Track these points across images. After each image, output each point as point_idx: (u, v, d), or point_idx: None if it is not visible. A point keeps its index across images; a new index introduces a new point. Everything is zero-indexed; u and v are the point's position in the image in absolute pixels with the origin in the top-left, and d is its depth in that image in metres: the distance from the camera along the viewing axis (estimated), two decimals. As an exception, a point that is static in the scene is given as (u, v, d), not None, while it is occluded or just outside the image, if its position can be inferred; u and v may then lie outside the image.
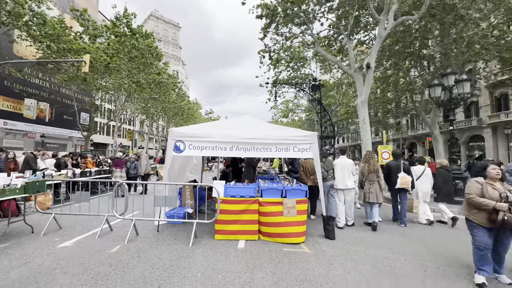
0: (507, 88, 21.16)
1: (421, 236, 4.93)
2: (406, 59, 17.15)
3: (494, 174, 3.08)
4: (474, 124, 24.15)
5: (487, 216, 2.94)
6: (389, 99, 23.89)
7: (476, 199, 3.00)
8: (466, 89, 7.54)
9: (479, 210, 3.02)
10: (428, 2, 10.41)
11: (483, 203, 2.94)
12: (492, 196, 2.95)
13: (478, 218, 3.02)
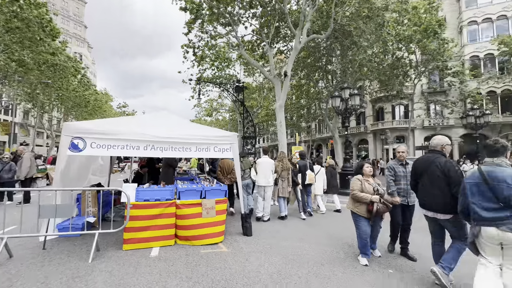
0: (383, 103, 27.30)
1: (322, 224, 5.78)
2: (316, 72, 19.80)
3: (368, 171, 3.69)
4: (361, 130, 30.08)
5: (366, 208, 3.47)
6: (302, 105, 27.00)
7: (358, 194, 3.51)
8: (357, 101, 9.33)
9: (361, 204, 3.53)
10: (332, 26, 12.28)
11: (363, 197, 3.46)
12: (368, 190, 3.51)
13: (361, 211, 3.52)
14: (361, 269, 3.41)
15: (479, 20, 23.43)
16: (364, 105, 30.02)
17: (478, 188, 2.37)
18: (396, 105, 26.65)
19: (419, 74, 16.57)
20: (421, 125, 25.41)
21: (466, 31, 23.88)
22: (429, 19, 13.87)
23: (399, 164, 3.93)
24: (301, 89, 23.32)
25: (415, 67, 16.50)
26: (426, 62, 15.62)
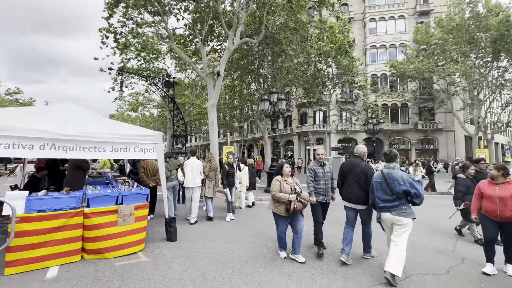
0: (307, 109, 30.39)
1: (249, 222, 6.01)
2: (249, 74, 20.44)
3: (287, 172, 3.81)
4: (288, 132, 32.69)
5: (285, 207, 3.59)
6: (235, 105, 27.43)
7: (277, 194, 3.61)
8: (283, 106, 10.10)
9: (280, 203, 3.64)
10: (264, 32, 12.90)
11: (282, 197, 3.56)
12: (286, 190, 3.63)
13: (280, 211, 3.64)
14: (280, 262, 3.70)
15: (378, 46, 28.83)
16: (291, 109, 32.71)
17: (381, 185, 3.30)
18: (317, 110, 30.06)
19: (334, 85, 19.21)
20: (336, 129, 29.48)
21: (369, 53, 29.01)
22: (342, 39, 16.27)
23: (318, 166, 4.12)
24: (234, 90, 23.64)
25: (331, 79, 19.04)
26: (340, 75, 18.27)
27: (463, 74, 18.94)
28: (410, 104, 27.88)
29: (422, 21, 27.67)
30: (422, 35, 21.72)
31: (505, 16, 16.52)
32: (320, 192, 4.02)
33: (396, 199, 3.16)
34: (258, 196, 9.39)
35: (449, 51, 19.33)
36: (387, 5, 29.06)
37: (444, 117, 26.83)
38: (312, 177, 4.07)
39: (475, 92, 19.56)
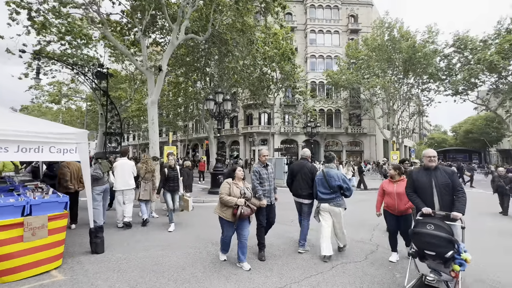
0: (252, 110, 31.10)
1: (186, 225, 5.80)
2: (195, 72, 19.76)
3: (240, 175, 3.69)
4: (234, 133, 32.89)
5: (232, 211, 3.44)
6: (179, 103, 26.19)
7: (224, 198, 3.45)
8: (228, 106, 10.10)
9: (227, 207, 3.48)
10: (210, 31, 12.67)
11: (229, 201, 3.41)
12: (235, 194, 3.49)
13: (227, 215, 3.49)
14: (220, 265, 3.68)
15: (317, 55, 31.53)
16: (237, 110, 32.97)
17: (321, 182, 4.11)
18: (262, 112, 31.08)
19: (278, 89, 20.19)
20: (279, 131, 31.01)
21: (309, 61, 31.48)
22: (285, 46, 17.24)
23: (262, 167, 4.08)
24: (178, 87, 22.53)
25: (276, 83, 19.95)
26: (283, 80, 19.31)
27: (382, 87, 22.29)
28: (342, 111, 31.37)
29: (352, 38, 31.46)
30: (352, 51, 24.70)
31: (412, 42, 20.13)
32: (265, 194, 3.98)
33: (332, 193, 4.01)
34: (201, 197, 9.17)
35: (372, 67, 22.48)
36: (325, 19, 32.06)
37: (368, 123, 31.05)
38: (258, 180, 3.99)
39: (391, 103, 23.27)
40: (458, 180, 3.12)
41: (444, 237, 2.61)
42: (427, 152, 3.28)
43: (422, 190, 3.17)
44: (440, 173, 3.12)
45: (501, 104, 21.15)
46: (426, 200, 3.11)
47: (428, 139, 65.82)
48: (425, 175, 3.19)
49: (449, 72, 20.52)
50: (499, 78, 18.88)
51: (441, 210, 3.00)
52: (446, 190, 3.04)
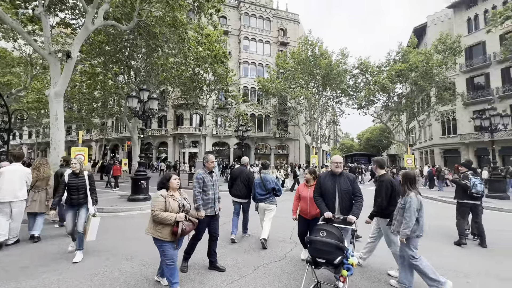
0: (183, 110, 29.76)
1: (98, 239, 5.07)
2: (116, 63, 17.53)
3: (175, 184, 3.07)
4: (162, 133, 30.75)
5: (171, 230, 2.87)
6: (96, 97, 22.76)
7: (160, 215, 2.83)
8: (155, 106, 9.37)
9: (164, 226, 2.87)
10: (136, 20, 11.50)
11: (167, 218, 2.83)
12: (173, 208, 2.93)
13: (163, 234, 2.86)
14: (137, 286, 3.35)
15: (249, 62, 32.76)
16: (166, 109, 30.99)
17: (259, 185, 4.98)
18: (194, 113, 30.13)
19: (210, 91, 19.96)
20: (211, 133, 30.65)
21: (242, 67, 32.40)
22: (219, 48, 17.26)
23: (207, 174, 3.75)
24: (95, 78, 19.56)
25: (208, 85, 19.69)
26: (215, 82, 19.23)
27: (305, 97, 24.89)
28: (272, 116, 33.47)
29: (282, 49, 34.07)
30: (281, 61, 26.73)
31: (329, 61, 23.27)
32: (208, 203, 3.65)
33: (267, 193, 4.93)
34: (118, 206, 8.16)
35: (298, 78, 24.84)
36: (258, 29, 33.70)
37: (293, 129, 34.08)
38: (200, 188, 3.63)
39: (312, 112, 26.21)
40: (358, 186, 3.37)
41: (333, 244, 2.67)
42: (334, 158, 3.41)
43: (327, 194, 3.34)
44: (343, 179, 3.33)
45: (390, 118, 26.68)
46: (329, 204, 3.29)
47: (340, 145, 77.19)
48: (330, 180, 3.37)
49: (356, 89, 24.61)
50: (388, 98, 23.81)
51: (341, 214, 3.22)
52: (347, 195, 3.26)
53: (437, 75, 20.49)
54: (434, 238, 5.56)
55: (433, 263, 4.33)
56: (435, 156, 29.48)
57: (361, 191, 3.38)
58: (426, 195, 12.66)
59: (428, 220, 7.49)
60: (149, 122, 31.73)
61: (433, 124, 28.75)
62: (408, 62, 20.35)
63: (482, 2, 25.45)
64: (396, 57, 22.42)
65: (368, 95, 23.06)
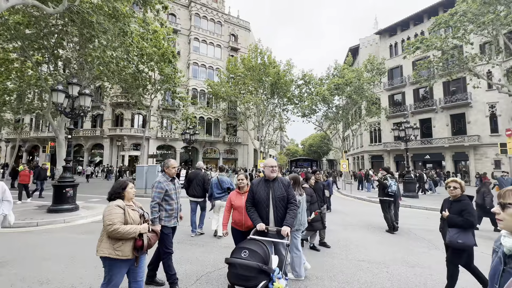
0: (124, 110, 27.16)
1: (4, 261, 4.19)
2: (39, 50, 14.98)
3: (132, 194, 2.63)
4: (97, 134, 27.42)
5: (132, 245, 2.44)
6: (9, 89, 18.97)
7: (122, 229, 2.35)
8: (87, 103, 8.29)
9: (124, 241, 2.41)
10: (67, 4, 10.07)
11: (130, 231, 2.39)
12: (134, 219, 2.50)
13: (124, 252, 2.39)
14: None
15: (199, 64, 32.02)
16: (103, 107, 27.85)
17: (216, 185, 5.83)
18: (136, 114, 27.78)
19: (156, 91, 18.72)
20: (155, 135, 28.67)
21: (191, 68, 31.45)
22: (167, 47, 16.38)
23: (169, 181, 3.41)
24: (8, 66, 16.28)
25: (153, 84, 18.44)
26: (162, 82, 18.13)
27: (254, 103, 25.54)
28: (221, 120, 33.23)
29: (232, 54, 34.34)
30: (232, 66, 26.92)
31: (277, 70, 24.47)
32: (172, 214, 3.33)
33: (223, 192, 5.77)
34: (33, 219, 6.89)
35: (247, 84, 25.36)
36: (209, 31, 33.29)
37: (242, 133, 34.48)
38: (160, 198, 3.25)
39: (260, 118, 27.03)
40: (292, 192, 3.02)
41: (255, 268, 2.26)
42: (268, 162, 3.00)
43: (260, 203, 2.95)
44: (277, 184, 2.99)
45: (329, 127, 29.42)
46: (262, 214, 2.93)
47: (286, 150, 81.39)
48: (264, 187, 3.00)
49: (300, 99, 26.43)
50: (328, 108, 26.28)
51: (276, 225, 2.88)
52: (281, 203, 2.92)
53: (367, 91, 23.55)
54: (361, 230, 6.35)
55: (363, 254, 4.88)
56: (365, 161, 33.67)
57: (296, 197, 3.08)
58: (356, 196, 14.33)
59: (360, 216, 8.59)
60: (81, 121, 27.91)
61: (363, 133, 32.82)
62: (344, 78, 22.89)
63: (401, 32, 30.52)
64: (335, 72, 24.97)
65: (311, 105, 25.01)
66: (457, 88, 25.17)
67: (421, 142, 27.07)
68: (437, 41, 15.44)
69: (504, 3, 12.98)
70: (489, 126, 23.10)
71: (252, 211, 2.99)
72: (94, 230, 6.13)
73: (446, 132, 25.87)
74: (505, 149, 15.09)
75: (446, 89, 25.99)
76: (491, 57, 14.71)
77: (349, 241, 5.66)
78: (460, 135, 24.69)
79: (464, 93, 24.32)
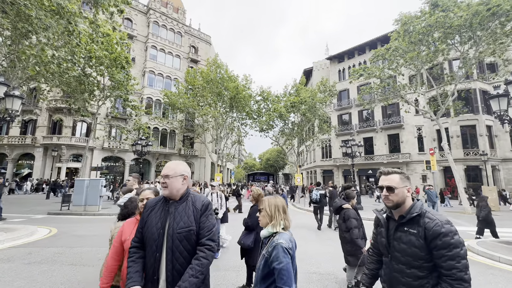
0: (64, 116, 24.19)
1: None
2: (-47, 41, 12.57)
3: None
4: (27, 142, 23.72)
5: None
6: None
7: None
8: (16, 106, 7.17)
9: None
10: (-3, -7, 8.81)
11: None
12: None
13: None
14: None
15: (156, 72, 30.74)
16: (37, 112, 24.48)
17: None
18: (79, 121, 25.02)
19: (104, 97, 17.19)
20: (102, 146, 26.03)
21: (147, 76, 29.96)
22: (120, 52, 15.36)
23: None
24: None
25: (102, 90, 16.95)
26: (112, 88, 16.76)
27: (213, 116, 25.33)
28: (177, 132, 31.97)
29: (192, 66, 33.92)
30: (191, 78, 26.48)
31: (236, 84, 24.90)
32: None
33: None
34: None
35: (206, 97, 25.13)
36: (168, 41, 32.48)
37: (200, 146, 33.61)
38: None
39: (219, 131, 26.82)
40: (210, 224, 1.73)
41: None
42: (165, 168, 1.79)
43: (149, 243, 1.67)
44: (184, 208, 1.73)
45: (285, 142, 30.67)
46: (149, 265, 1.65)
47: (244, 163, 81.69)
48: (159, 213, 1.73)
49: (258, 114, 27.16)
50: (284, 124, 27.52)
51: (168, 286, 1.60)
52: (184, 243, 1.65)
53: (319, 110, 25.46)
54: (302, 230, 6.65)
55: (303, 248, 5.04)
56: (317, 175, 35.73)
57: (215, 235, 1.76)
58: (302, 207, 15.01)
59: (301, 221, 9.06)
60: (6, 126, 23.82)
61: (316, 149, 35.03)
62: (299, 96, 24.42)
63: (348, 59, 34.26)
64: (292, 91, 26.49)
65: (269, 120, 25.86)
66: (393, 111, 28.99)
67: (365, 158, 30.05)
68: (376, 70, 17.71)
69: (425, 44, 15.68)
70: (417, 146, 26.94)
71: (134, 257, 1.70)
72: (11, 257, 5.14)
73: (385, 150, 29.25)
74: (429, 166, 17.69)
75: (384, 112, 29.72)
76: (417, 88, 17.43)
77: (301, 253, 5.83)
78: (395, 153, 28.16)
79: (398, 116, 28.10)
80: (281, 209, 1.79)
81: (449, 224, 1.43)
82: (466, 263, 1.37)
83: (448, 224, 1.43)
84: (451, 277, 1.36)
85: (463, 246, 1.39)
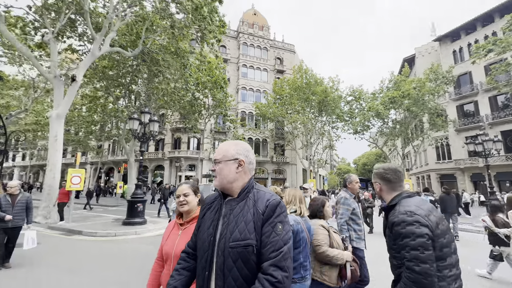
0: (181, 134, 29.99)
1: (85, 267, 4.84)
2: (118, 87, 18.00)
3: (330, 213, 2.57)
4: (159, 156, 30.63)
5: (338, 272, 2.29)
6: (95, 120, 22.96)
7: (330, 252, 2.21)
8: (155, 128, 9.48)
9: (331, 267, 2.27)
10: (141, 48, 12.07)
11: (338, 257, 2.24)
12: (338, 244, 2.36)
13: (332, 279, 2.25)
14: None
15: (247, 88, 33.83)
16: (164, 133, 31.25)
17: None
18: (191, 137, 30.33)
19: (209, 115, 20.34)
20: (208, 157, 30.61)
21: (240, 92, 33.38)
22: (218, 74, 17.95)
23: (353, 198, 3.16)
24: (96, 102, 19.90)
25: (207, 109, 20.11)
26: (214, 107, 19.68)
27: (302, 122, 25.43)
28: (269, 141, 33.79)
29: (278, 77, 35.43)
30: (278, 88, 27.69)
31: (324, 87, 24.19)
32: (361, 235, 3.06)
33: None
34: (111, 230, 7.87)
35: (294, 104, 25.58)
36: (256, 57, 35.32)
37: (290, 153, 34.23)
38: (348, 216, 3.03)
39: (308, 137, 26.60)
40: (277, 239, 1.07)
41: None
42: (216, 151, 1.39)
43: (201, 254, 1.19)
44: (242, 210, 1.15)
45: (385, 143, 27.13)
46: (198, 283, 1.17)
47: (337, 169, 77.12)
48: (213, 213, 1.24)
49: (351, 115, 25.29)
50: (383, 123, 24.44)
51: None
52: (239, 262, 1.06)
53: (429, 102, 21.30)
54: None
55: None
56: (432, 181, 29.52)
57: (287, 260, 1.05)
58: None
59: None
60: (147, 145, 31.73)
61: (428, 150, 29.20)
62: (400, 90, 21.23)
63: (466, 36, 27.35)
64: (389, 85, 23.40)
65: (363, 121, 23.65)
66: (551, 91, 20.79)
67: (505, 157, 22.66)
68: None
69: None
70: None
71: (179, 266, 1.30)
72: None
73: (541, 145, 21.22)
74: None
75: (535, 94, 21.71)
76: None
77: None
78: (562, 148, 19.94)
79: (562, 97, 19.93)
80: (297, 199, 2.24)
81: (405, 214, 1.36)
82: (416, 253, 1.28)
83: (404, 214, 1.37)
84: (405, 266, 1.33)
85: (417, 237, 1.30)
